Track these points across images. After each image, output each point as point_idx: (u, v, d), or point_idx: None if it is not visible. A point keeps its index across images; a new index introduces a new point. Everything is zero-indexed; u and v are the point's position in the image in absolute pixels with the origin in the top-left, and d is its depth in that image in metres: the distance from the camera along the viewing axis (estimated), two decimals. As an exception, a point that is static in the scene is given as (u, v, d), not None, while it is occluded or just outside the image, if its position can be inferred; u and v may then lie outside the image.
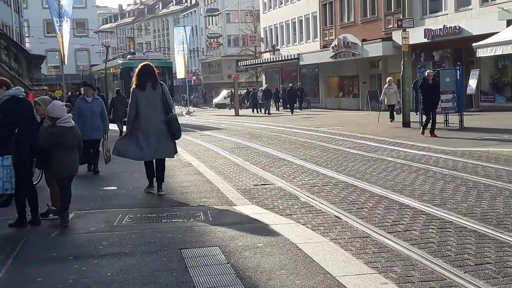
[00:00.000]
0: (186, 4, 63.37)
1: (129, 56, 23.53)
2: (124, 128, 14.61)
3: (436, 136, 12.34)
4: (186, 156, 11.40)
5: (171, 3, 67.16)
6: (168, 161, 9.29)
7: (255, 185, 7.89)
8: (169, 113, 6.75)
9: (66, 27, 20.77)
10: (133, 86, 6.69)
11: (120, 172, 8.85)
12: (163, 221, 5.49)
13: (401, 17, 17.44)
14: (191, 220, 5.51)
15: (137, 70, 6.82)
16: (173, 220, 5.48)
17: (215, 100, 47.33)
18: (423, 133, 12.93)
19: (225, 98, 43.64)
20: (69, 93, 24.00)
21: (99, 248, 4.45)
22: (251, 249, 4.21)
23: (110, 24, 72.87)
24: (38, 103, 5.63)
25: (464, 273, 3.50)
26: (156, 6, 66.06)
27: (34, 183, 5.93)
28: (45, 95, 10.11)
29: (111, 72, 23.27)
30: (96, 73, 28.56)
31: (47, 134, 5.19)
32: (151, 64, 7.08)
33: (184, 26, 41.06)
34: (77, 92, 18.08)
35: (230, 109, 38.04)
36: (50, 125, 5.25)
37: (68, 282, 3.56)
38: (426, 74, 13.32)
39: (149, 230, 5.12)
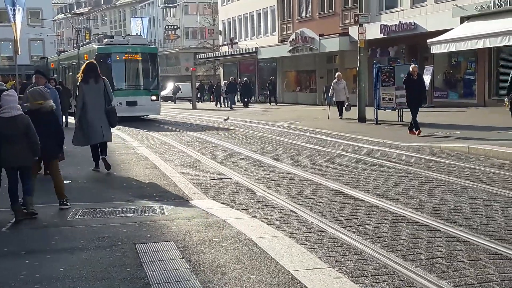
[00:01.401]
0: None
1: (106, 40, 20.24)
2: (70, 119, 14.20)
3: (414, 133, 11.89)
4: (142, 149, 11.27)
5: None
6: (124, 155, 9.54)
7: (211, 179, 7.86)
8: (110, 104, 7.98)
9: (18, 16, 20.22)
10: (79, 80, 7.94)
11: (73, 166, 8.47)
12: (117, 215, 5.40)
13: (358, 13, 17.70)
14: (146, 214, 5.44)
15: (83, 67, 8.22)
16: (128, 215, 5.38)
17: (162, 93, 44.95)
18: (412, 133, 11.94)
19: (171, 91, 41.59)
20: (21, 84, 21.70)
21: (52, 243, 4.32)
22: (206, 244, 4.17)
23: (66, 14, 69.93)
24: None
25: (416, 267, 3.60)
26: None
27: None
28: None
29: (84, 58, 19.53)
30: (66, 60, 25.15)
31: None
32: (94, 62, 8.64)
33: (141, 17, 41.48)
34: (30, 82, 16.66)
35: (175, 103, 38.53)
36: None
37: (20, 278, 3.46)
38: (410, 69, 12.42)
39: (103, 224, 5.01)
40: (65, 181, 6.35)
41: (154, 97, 19.05)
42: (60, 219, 5.25)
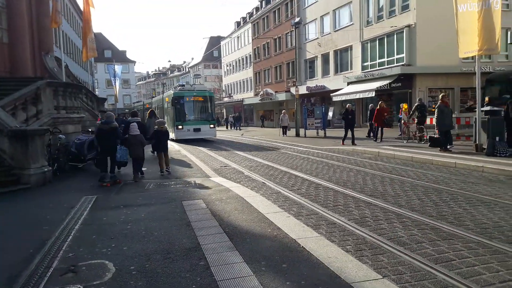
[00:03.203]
0: (183, 71, 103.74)
1: (179, 87, 26.98)
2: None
3: (356, 145, 16.95)
4: (184, 152, 17.41)
5: (175, 71, 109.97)
6: (173, 154, 15.97)
7: (220, 166, 12.50)
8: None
9: (117, 83, 43.68)
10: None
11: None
12: (171, 186, 8.72)
13: (295, 80, 31.48)
14: (186, 185, 8.78)
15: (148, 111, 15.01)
16: (177, 186, 8.70)
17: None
18: (343, 144, 17.41)
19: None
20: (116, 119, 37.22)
21: (137, 201, 7.23)
22: (219, 200, 7.20)
23: (141, 81, 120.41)
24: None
25: (328, 210, 6.71)
26: (167, 72, 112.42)
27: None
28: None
29: (166, 100, 27.60)
30: (156, 102, 33.50)
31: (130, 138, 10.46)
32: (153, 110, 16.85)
33: (182, 83, 49.33)
34: (123, 117, 24.40)
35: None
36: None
37: (121, 219, 6.16)
38: (347, 106, 18.20)
39: (164, 191, 8.19)
40: (143, 169, 11.10)
41: (211, 125, 25.36)
42: (142, 188, 8.66)
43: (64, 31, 27.12)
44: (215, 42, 76.63)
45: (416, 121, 16.93)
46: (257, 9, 56.03)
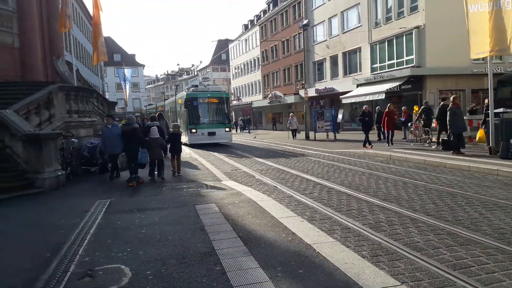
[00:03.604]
0: (191, 75, 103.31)
1: (192, 88, 25.56)
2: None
3: (372, 146, 16.90)
4: (194, 155, 17.43)
5: (184, 74, 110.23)
6: (184, 158, 15.53)
7: (231, 170, 12.53)
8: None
9: (127, 86, 44.65)
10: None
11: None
12: (184, 190, 8.74)
13: (304, 82, 30.98)
14: (199, 189, 8.81)
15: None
16: (189, 190, 8.72)
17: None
18: (365, 147, 16.80)
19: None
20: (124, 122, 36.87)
21: (151, 205, 7.25)
22: (231, 204, 7.18)
23: (151, 85, 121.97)
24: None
25: (342, 214, 6.68)
26: (176, 75, 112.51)
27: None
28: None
29: (179, 102, 26.25)
30: (169, 104, 32.00)
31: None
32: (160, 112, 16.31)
33: (190, 86, 50.70)
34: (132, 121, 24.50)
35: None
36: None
37: (135, 223, 6.18)
38: (364, 108, 18.03)
39: (176, 195, 8.24)
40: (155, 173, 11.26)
41: (227, 129, 23.80)
42: (155, 192, 8.67)
43: (74, 36, 27.50)
44: (223, 45, 77.00)
45: (422, 124, 16.74)
46: (264, 12, 56.14)
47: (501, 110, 12.95)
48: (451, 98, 13.92)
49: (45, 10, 17.81)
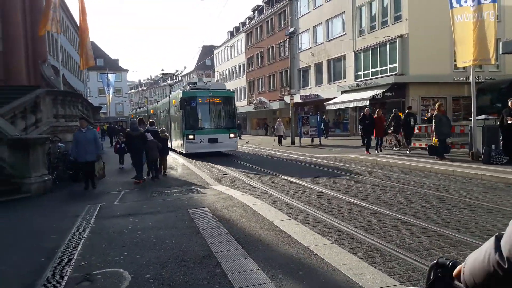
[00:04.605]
0: (176, 80, 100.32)
1: (190, 85, 21.12)
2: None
3: (369, 153, 16.54)
4: (181, 160, 17.36)
5: (168, 79, 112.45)
6: (172, 163, 16.11)
7: (220, 175, 12.48)
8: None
9: (110, 91, 44.84)
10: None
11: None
12: (174, 194, 8.67)
13: (289, 89, 31.64)
14: (190, 193, 8.75)
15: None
16: (180, 194, 8.67)
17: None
18: (368, 152, 16.50)
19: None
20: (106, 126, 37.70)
21: (143, 209, 7.18)
22: (225, 208, 7.19)
23: (133, 90, 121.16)
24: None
25: (334, 218, 6.77)
26: (159, 80, 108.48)
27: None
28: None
29: (173, 103, 22.21)
30: (162, 106, 27.31)
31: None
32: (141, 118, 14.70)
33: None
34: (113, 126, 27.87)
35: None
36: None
37: (129, 227, 6.13)
38: (365, 111, 17.76)
39: (167, 199, 8.15)
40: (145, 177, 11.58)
41: (232, 135, 19.83)
42: (145, 197, 8.56)
43: (55, 39, 27.11)
44: (208, 51, 77.04)
45: (391, 131, 17.73)
46: (250, 19, 56.52)
47: (483, 117, 13.34)
48: (436, 106, 14.27)
49: (29, 14, 17.58)
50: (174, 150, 22.24)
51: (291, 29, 30.41)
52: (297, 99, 36.99)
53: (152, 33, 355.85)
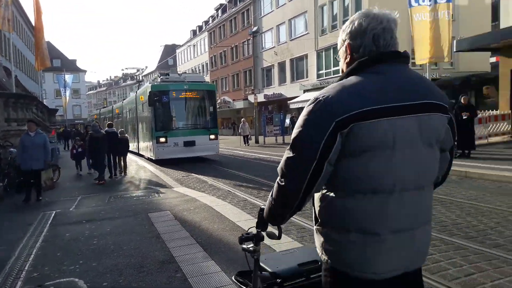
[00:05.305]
0: (137, 80, 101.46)
1: (161, 77, 17.62)
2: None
3: None
4: (142, 163, 16.73)
5: (128, 80, 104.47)
6: (132, 165, 15.81)
7: (182, 176, 12.32)
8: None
9: (67, 93, 43.42)
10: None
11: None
12: (134, 198, 8.42)
13: (253, 88, 34.64)
14: (150, 196, 8.53)
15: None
16: (140, 198, 8.42)
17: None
18: None
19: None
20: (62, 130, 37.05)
21: (100, 215, 6.93)
22: (187, 210, 7.07)
23: (92, 91, 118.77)
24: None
25: (296, 215, 6.93)
26: (119, 81, 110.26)
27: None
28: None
29: (140, 100, 18.85)
30: (128, 105, 23.83)
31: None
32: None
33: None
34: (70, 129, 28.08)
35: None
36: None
37: (85, 234, 5.90)
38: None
39: (127, 204, 7.89)
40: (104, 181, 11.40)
41: (213, 136, 17.00)
42: (103, 202, 8.22)
43: (8, 39, 25.80)
44: (170, 51, 75.96)
45: None
46: (213, 18, 56.20)
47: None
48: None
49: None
50: (141, 156, 19.93)
51: (255, 28, 30.48)
52: (261, 98, 37.23)
53: (112, 33, 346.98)
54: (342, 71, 1.70)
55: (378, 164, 1.49)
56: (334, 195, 1.55)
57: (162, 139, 15.92)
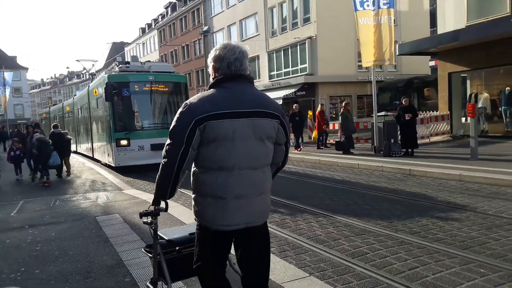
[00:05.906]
0: (83, 78, 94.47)
1: (120, 66, 14.73)
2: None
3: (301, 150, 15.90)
4: (88, 164, 15.94)
5: (74, 78, 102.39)
6: (79, 167, 15.12)
7: (133, 178, 11.87)
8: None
9: (7, 91, 41.20)
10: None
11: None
12: (81, 201, 8.01)
13: (206, 88, 31.22)
14: (99, 199, 8.15)
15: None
16: (86, 201, 8.03)
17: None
18: (300, 150, 15.80)
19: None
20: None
21: (44, 219, 6.53)
22: (137, 213, 6.85)
23: (35, 89, 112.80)
24: None
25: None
26: (65, 80, 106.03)
27: None
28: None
29: (94, 94, 15.85)
30: (80, 101, 20.26)
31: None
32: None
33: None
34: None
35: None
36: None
37: (28, 240, 5.57)
38: (294, 107, 16.52)
39: (73, 207, 7.53)
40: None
41: None
42: (47, 206, 7.74)
43: None
44: (118, 48, 73.60)
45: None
46: (162, 16, 55.12)
47: (383, 113, 14.54)
48: (343, 104, 15.21)
49: None
50: (97, 161, 16.85)
51: (205, 28, 30.26)
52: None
53: (56, 29, 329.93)
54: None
55: (222, 150, 2.25)
56: (198, 171, 2.36)
57: (124, 142, 12.97)
